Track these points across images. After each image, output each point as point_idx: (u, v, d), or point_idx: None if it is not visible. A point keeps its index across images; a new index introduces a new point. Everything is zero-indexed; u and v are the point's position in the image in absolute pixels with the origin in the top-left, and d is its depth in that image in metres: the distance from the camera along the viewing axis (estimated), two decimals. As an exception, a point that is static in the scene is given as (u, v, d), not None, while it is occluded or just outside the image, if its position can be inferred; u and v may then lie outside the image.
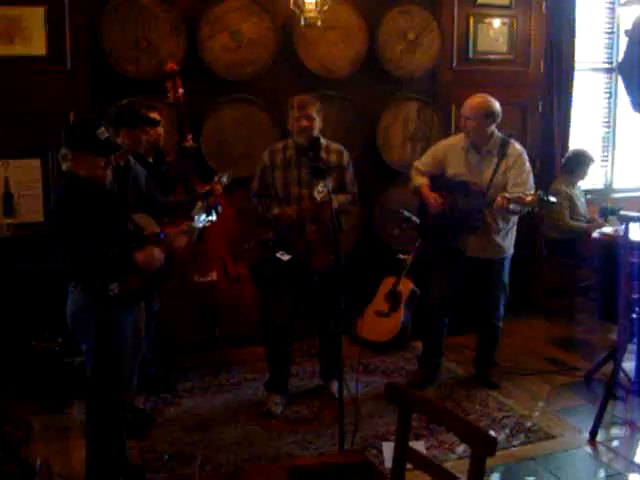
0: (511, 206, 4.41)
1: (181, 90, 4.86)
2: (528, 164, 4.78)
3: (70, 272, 3.37)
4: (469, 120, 4.69)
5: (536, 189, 4.54)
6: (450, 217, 4.71)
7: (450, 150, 4.87)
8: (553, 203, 4.52)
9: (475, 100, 4.74)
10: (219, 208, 4.06)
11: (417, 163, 5.02)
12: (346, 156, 4.56)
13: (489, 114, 4.68)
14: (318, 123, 4.41)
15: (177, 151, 4.92)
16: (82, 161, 3.35)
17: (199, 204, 3.95)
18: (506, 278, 4.90)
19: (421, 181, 4.90)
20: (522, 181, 4.65)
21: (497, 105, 4.72)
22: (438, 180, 4.88)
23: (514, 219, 4.80)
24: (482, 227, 4.67)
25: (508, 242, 4.84)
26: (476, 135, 4.72)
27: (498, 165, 4.67)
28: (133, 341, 3.58)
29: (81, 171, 3.35)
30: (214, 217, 3.94)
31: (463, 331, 5.53)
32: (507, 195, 4.44)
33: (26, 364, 4.75)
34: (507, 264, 4.89)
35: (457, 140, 4.90)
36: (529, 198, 4.36)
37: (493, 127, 4.74)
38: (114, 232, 3.38)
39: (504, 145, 4.72)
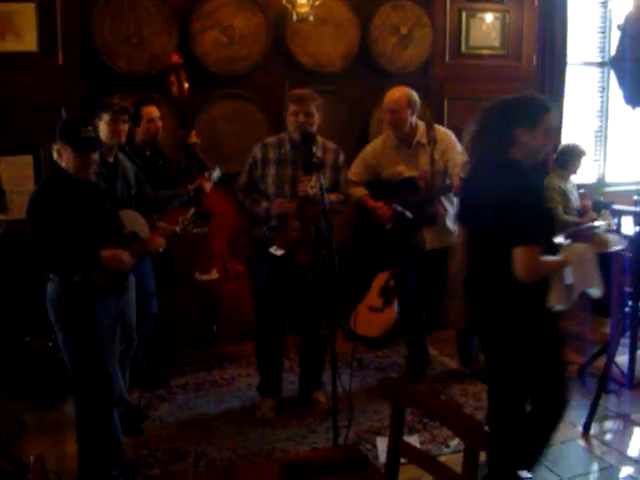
0: None
1: (186, 84, 4.84)
2: (458, 143, 4.77)
3: (35, 261, 3.39)
4: (395, 113, 4.65)
5: None
6: (404, 217, 4.64)
7: (379, 153, 4.85)
8: None
9: (396, 92, 4.72)
10: (210, 216, 4.09)
11: (348, 175, 4.84)
12: (342, 156, 4.46)
13: (411, 102, 4.67)
14: (317, 120, 4.30)
15: (183, 147, 4.91)
16: (63, 154, 3.38)
17: (192, 210, 3.95)
18: None
19: (361, 192, 4.83)
20: (462, 160, 4.65)
21: (416, 94, 4.73)
22: (378, 185, 4.83)
23: (456, 201, 4.81)
24: (438, 216, 4.68)
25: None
26: (403, 127, 4.68)
27: (432, 152, 4.68)
28: (110, 333, 3.57)
29: (62, 163, 3.39)
30: (199, 229, 3.97)
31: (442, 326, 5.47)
32: (462, 175, 4.45)
33: (19, 360, 4.74)
34: None
35: (382, 141, 4.88)
36: None
37: (415, 117, 4.73)
38: (91, 229, 3.39)
39: (430, 131, 4.72)
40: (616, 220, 4.57)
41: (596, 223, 4.43)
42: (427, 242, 4.77)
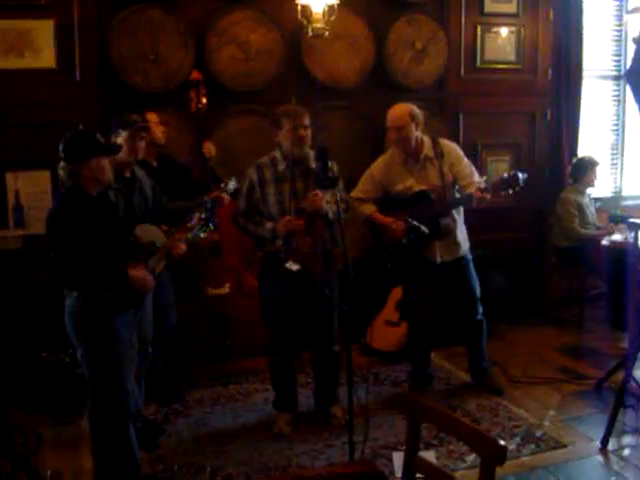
0: (489, 196, 4.44)
1: (205, 100, 4.89)
2: (464, 155, 4.82)
3: (63, 281, 3.41)
4: (400, 130, 4.64)
5: (509, 170, 4.54)
6: (419, 231, 4.59)
7: (387, 170, 4.82)
8: (526, 178, 4.49)
9: (397, 108, 4.72)
10: (216, 221, 4.09)
11: (356, 193, 4.85)
12: (335, 165, 4.33)
13: (414, 117, 4.66)
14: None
15: (200, 161, 4.96)
16: (91, 169, 3.38)
17: (197, 216, 3.96)
18: (474, 271, 4.92)
19: (370, 209, 4.82)
20: (470, 171, 4.70)
21: (417, 108, 4.73)
22: (388, 201, 4.82)
23: (461, 214, 4.85)
24: (453, 227, 4.70)
25: (463, 236, 4.87)
26: (409, 143, 4.67)
27: (441, 165, 4.68)
28: (129, 346, 3.59)
29: (89, 181, 3.39)
30: (206, 233, 3.98)
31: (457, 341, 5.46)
32: (482, 186, 4.45)
33: (36, 375, 4.76)
34: (470, 257, 4.92)
35: (390, 157, 4.85)
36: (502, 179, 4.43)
37: (420, 131, 4.72)
38: (110, 242, 3.41)
39: (436, 145, 4.73)
40: (632, 234, 4.52)
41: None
42: (437, 255, 4.76)
